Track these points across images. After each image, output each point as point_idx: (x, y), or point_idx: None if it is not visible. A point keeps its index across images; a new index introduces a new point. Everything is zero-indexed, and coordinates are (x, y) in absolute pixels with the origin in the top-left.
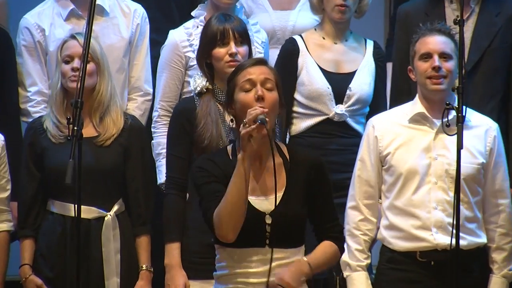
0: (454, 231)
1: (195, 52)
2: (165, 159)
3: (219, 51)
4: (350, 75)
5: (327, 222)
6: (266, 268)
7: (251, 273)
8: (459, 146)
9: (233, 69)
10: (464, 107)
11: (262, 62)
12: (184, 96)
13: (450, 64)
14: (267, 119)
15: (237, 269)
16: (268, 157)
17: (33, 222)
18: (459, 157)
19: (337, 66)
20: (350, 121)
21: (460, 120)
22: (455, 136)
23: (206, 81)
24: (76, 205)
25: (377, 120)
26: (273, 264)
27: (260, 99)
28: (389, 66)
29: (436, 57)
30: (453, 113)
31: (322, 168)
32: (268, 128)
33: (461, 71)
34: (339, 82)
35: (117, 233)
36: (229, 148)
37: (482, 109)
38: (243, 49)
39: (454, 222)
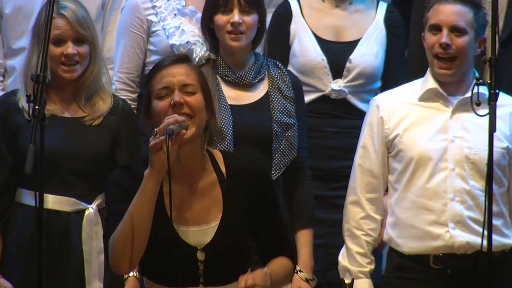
0: (485, 232)
1: (158, 15)
2: None
3: (221, 18)
4: (352, 44)
5: (277, 241)
6: None
7: None
8: (492, 128)
9: (234, 42)
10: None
11: (182, 60)
12: (146, 68)
13: (462, 41)
14: (184, 129)
15: None
16: (199, 176)
17: (1, 215)
18: (492, 141)
19: (337, 34)
20: (352, 99)
21: (493, 98)
22: (477, 116)
23: (207, 50)
24: (37, 197)
25: (381, 99)
26: None
27: (176, 105)
28: None
29: (445, 31)
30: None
31: (265, 180)
32: (170, 144)
33: (494, 39)
34: (338, 52)
35: (99, 229)
36: None
37: None
38: (250, 19)
39: (486, 219)
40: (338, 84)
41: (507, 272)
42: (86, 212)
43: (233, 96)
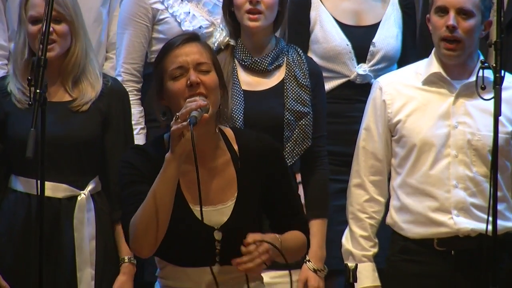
0: (490, 218)
1: (165, 3)
2: (139, 135)
3: None
4: (373, 28)
5: (291, 216)
6: None
7: None
8: (497, 112)
9: (252, 22)
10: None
11: (193, 38)
12: (151, 56)
13: (469, 24)
14: (205, 113)
15: None
16: (213, 156)
17: None
18: (497, 125)
19: (357, 18)
20: None
21: (498, 82)
22: (481, 100)
23: (226, 36)
24: (38, 183)
25: (385, 81)
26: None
27: (193, 85)
28: None
29: (452, 13)
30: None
31: (278, 155)
32: (195, 128)
33: (499, 22)
34: (361, 37)
35: (92, 216)
36: (166, 138)
37: None
38: None
39: (491, 203)
40: (363, 69)
41: (509, 254)
42: (79, 198)
43: (249, 81)
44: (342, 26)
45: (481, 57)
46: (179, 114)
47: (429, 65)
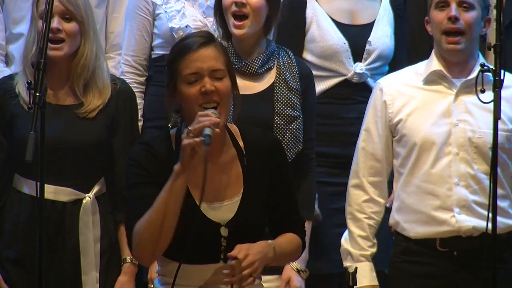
0: (490, 214)
1: None
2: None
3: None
4: (368, 27)
5: (289, 216)
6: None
7: None
8: (497, 115)
9: (237, 30)
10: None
11: (209, 41)
12: (153, 52)
13: (470, 16)
14: (217, 129)
15: None
16: (220, 152)
17: None
18: (496, 128)
19: (352, 17)
20: (370, 82)
21: (498, 85)
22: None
23: (219, 37)
24: (38, 187)
25: (385, 82)
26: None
27: (207, 93)
28: None
29: (453, 5)
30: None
31: (281, 152)
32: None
33: (498, 25)
34: (357, 35)
35: (97, 218)
36: (173, 133)
37: None
38: (256, 2)
39: (490, 202)
40: (359, 67)
41: None
42: (84, 201)
43: (240, 85)
44: (338, 24)
45: (482, 59)
46: (192, 128)
47: (429, 64)
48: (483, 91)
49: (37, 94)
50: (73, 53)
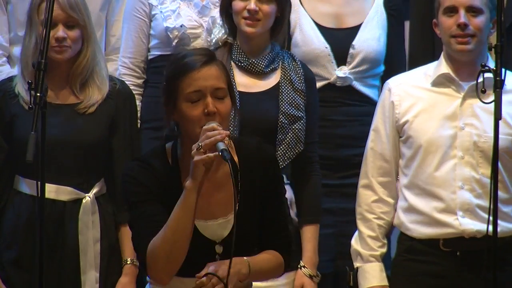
0: (491, 217)
1: None
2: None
3: (238, 3)
4: (354, 30)
5: (276, 232)
6: None
7: None
8: (497, 115)
9: (249, 28)
10: (503, 70)
11: (211, 60)
12: (149, 53)
13: (480, 21)
14: (229, 145)
15: None
16: (215, 169)
17: None
18: (497, 129)
19: (338, 21)
20: (357, 85)
21: (498, 86)
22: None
23: (225, 33)
24: (39, 187)
25: (394, 82)
26: None
27: (210, 114)
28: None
29: (462, 12)
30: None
31: (275, 166)
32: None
33: (499, 26)
34: (341, 39)
35: (96, 218)
36: (168, 148)
37: None
38: (267, 7)
39: (491, 206)
40: (343, 71)
41: None
42: (83, 201)
43: (245, 83)
44: (322, 29)
45: (491, 62)
46: (203, 144)
47: (438, 66)
48: (484, 91)
49: (38, 94)
50: (75, 55)
